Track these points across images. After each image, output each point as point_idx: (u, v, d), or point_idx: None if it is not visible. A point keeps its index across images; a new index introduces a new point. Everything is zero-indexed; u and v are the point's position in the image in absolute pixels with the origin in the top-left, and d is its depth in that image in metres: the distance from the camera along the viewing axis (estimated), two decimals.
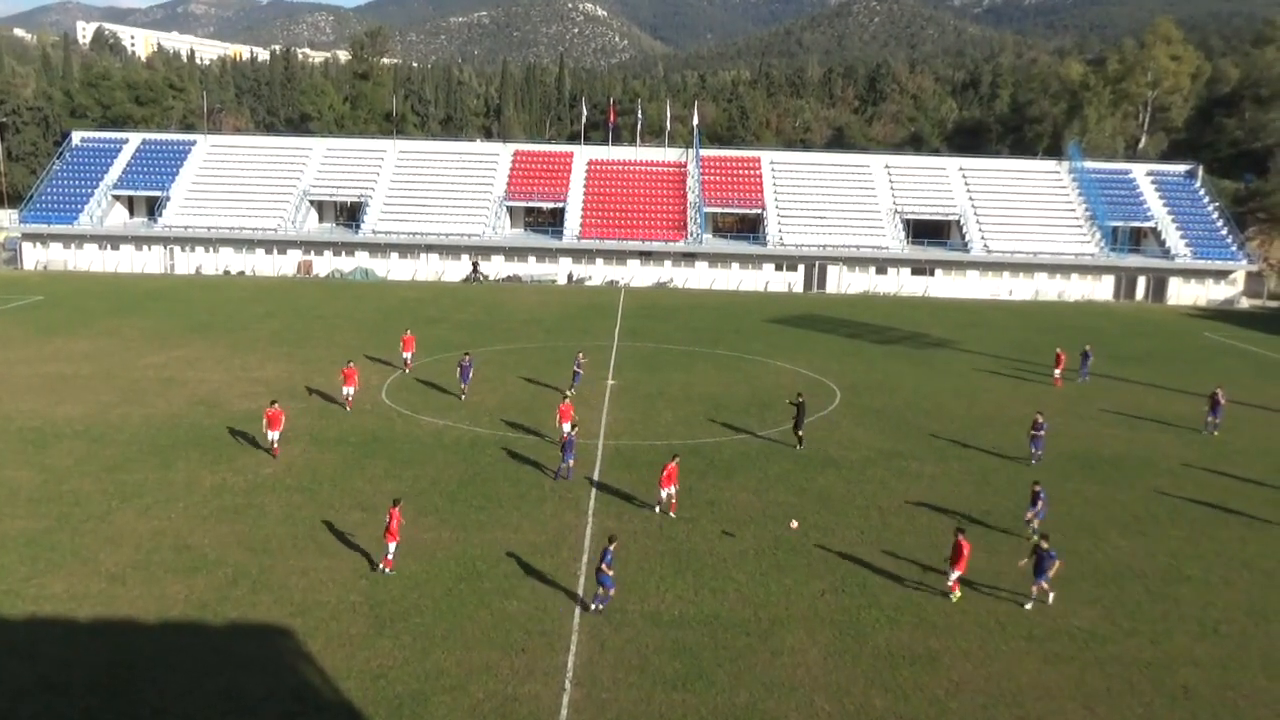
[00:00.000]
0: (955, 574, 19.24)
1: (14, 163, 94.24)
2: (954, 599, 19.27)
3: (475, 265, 69.23)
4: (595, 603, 18.50)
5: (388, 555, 19.88)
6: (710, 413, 33.27)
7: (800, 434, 29.31)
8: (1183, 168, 77.45)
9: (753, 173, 76.25)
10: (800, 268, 69.54)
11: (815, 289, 69.46)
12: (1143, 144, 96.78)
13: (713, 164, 77.12)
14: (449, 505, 23.83)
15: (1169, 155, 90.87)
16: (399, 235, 69.84)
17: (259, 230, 69.71)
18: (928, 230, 73.30)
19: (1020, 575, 19.74)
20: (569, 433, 26.33)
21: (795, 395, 30.83)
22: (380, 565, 19.88)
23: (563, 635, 17.48)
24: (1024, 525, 22.94)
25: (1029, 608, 18.97)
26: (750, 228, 73.78)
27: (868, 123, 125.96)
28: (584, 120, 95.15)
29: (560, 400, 29.93)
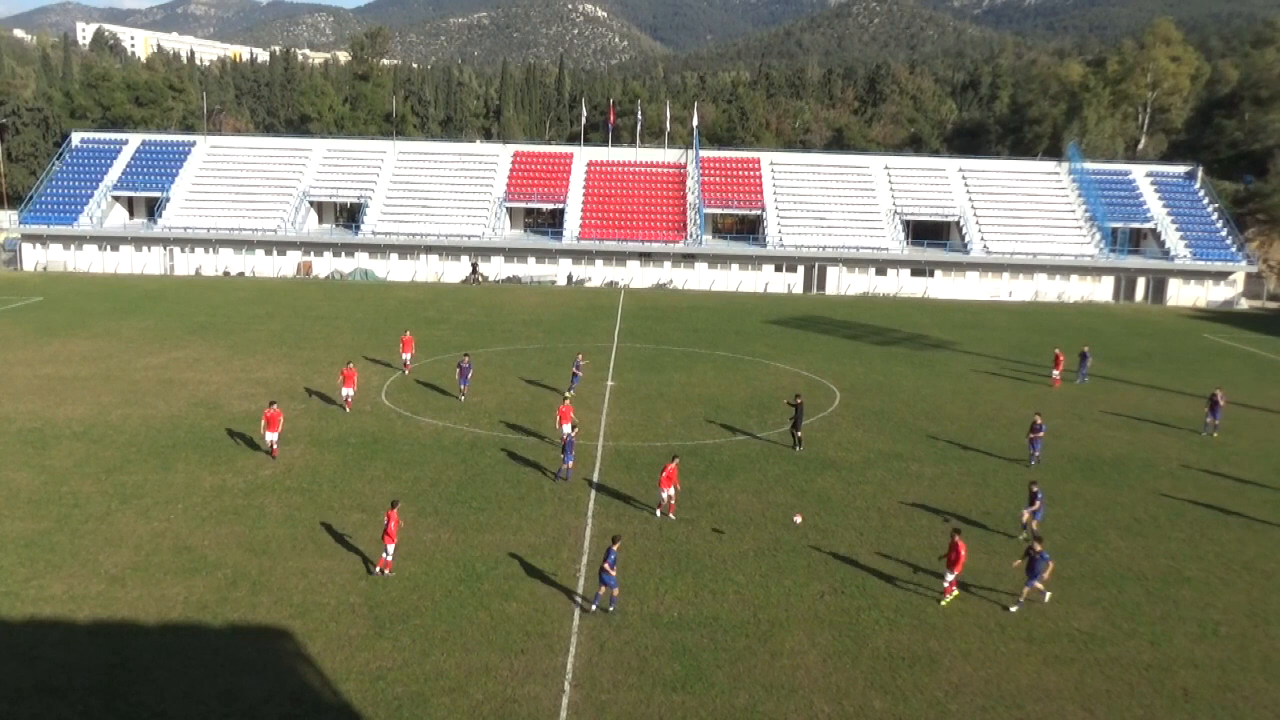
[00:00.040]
0: (951, 576, 19.14)
1: (14, 164, 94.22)
2: (944, 603, 19.13)
3: (474, 266, 69.23)
4: (596, 603, 18.48)
5: (384, 557, 19.85)
6: (710, 414, 33.25)
7: (799, 435, 29.32)
8: (1182, 169, 77.43)
9: (752, 174, 76.26)
10: (800, 269, 69.54)
11: (815, 290, 69.46)
12: (1142, 145, 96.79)
13: (712, 165, 77.11)
14: (448, 507, 23.82)
15: (1168, 156, 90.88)
16: (399, 236, 69.85)
17: (259, 231, 69.70)
18: (927, 231, 73.37)
19: (1017, 577, 19.70)
20: (569, 434, 26.33)
21: (793, 396, 30.86)
22: (376, 568, 19.84)
23: (562, 637, 17.48)
24: (1019, 526, 22.91)
25: (1014, 610, 18.92)
26: (750, 229, 73.78)
27: (867, 124, 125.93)
28: (584, 121, 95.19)
29: (560, 402, 29.97)
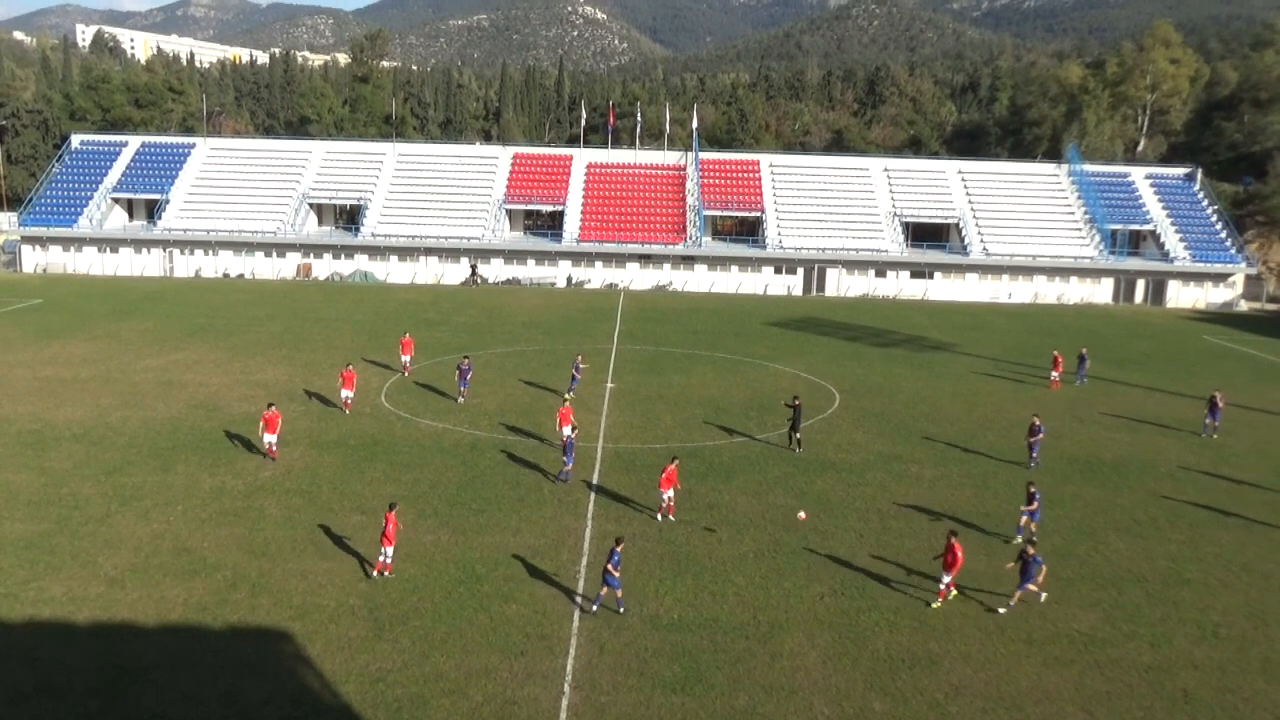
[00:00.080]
0: (947, 578, 19.08)
1: (13, 166, 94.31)
2: (935, 605, 19.07)
3: (473, 268, 69.26)
4: (597, 603, 18.45)
5: (381, 559, 19.78)
6: (709, 416, 33.26)
7: (798, 436, 29.30)
8: (1182, 171, 77.48)
9: (752, 176, 76.31)
10: (799, 271, 69.56)
11: (814, 292, 69.47)
12: (1142, 147, 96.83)
13: (712, 167, 77.17)
14: (448, 508, 23.82)
15: (1168, 158, 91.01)
16: (398, 238, 69.84)
17: (258, 233, 69.69)
18: (927, 233, 73.37)
19: (1011, 579, 19.62)
20: (569, 436, 26.32)
21: (791, 398, 30.83)
22: (374, 572, 19.76)
23: (562, 638, 17.48)
24: (1016, 527, 22.79)
25: (1002, 612, 18.88)
26: (749, 231, 73.75)
27: (867, 126, 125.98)
28: (583, 123, 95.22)
29: (560, 404, 29.98)
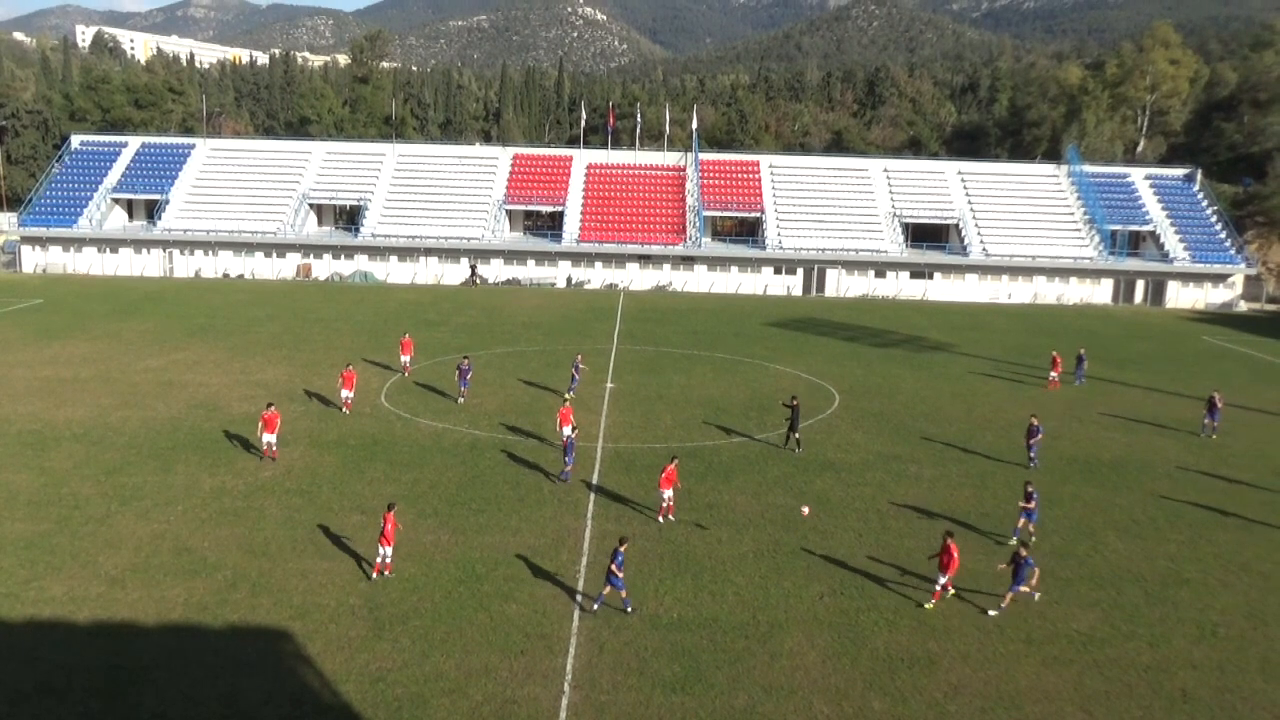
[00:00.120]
0: (943, 579, 19.08)
1: (13, 166, 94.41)
2: (928, 606, 19.07)
3: (473, 268, 69.33)
4: (599, 602, 18.48)
5: (379, 560, 19.75)
6: (709, 416, 33.30)
7: (797, 436, 29.33)
8: (1181, 171, 77.60)
9: (752, 176, 76.40)
10: (799, 271, 69.62)
11: (814, 292, 69.54)
12: (1141, 148, 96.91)
13: (712, 168, 77.27)
14: (448, 508, 23.84)
15: (1167, 159, 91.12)
16: (398, 239, 69.92)
17: (258, 234, 69.77)
18: (926, 234, 73.47)
19: (1003, 580, 19.62)
20: (569, 436, 26.34)
21: (789, 398, 30.83)
22: (373, 574, 19.74)
23: (562, 638, 17.51)
24: (1014, 529, 22.73)
25: (994, 614, 18.87)
26: (749, 231, 73.83)
27: (866, 127, 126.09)
28: (583, 124, 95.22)
29: (560, 404, 30.02)
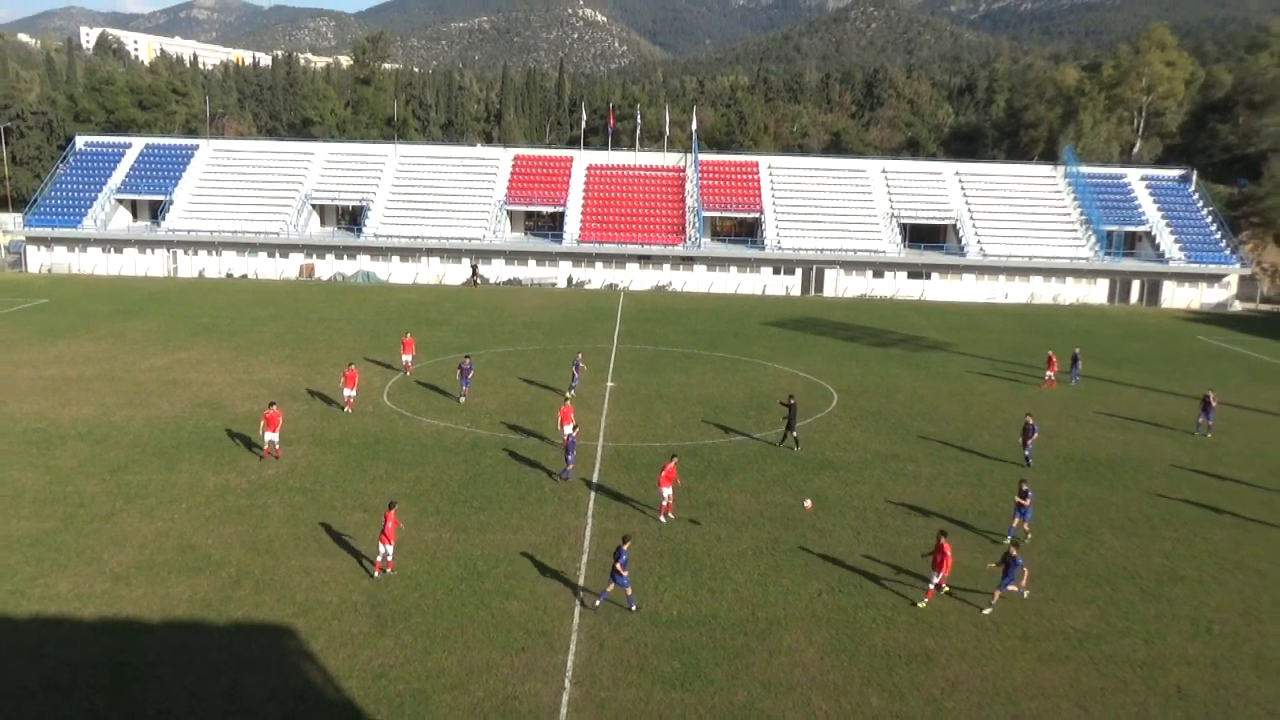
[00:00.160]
0: (936, 578, 19.19)
1: (18, 167, 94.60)
2: (921, 605, 19.18)
3: (474, 268, 69.52)
4: (602, 598, 18.61)
5: (380, 558, 19.85)
6: (708, 415, 33.46)
7: (795, 435, 29.47)
8: (1177, 172, 77.80)
9: (751, 177, 76.57)
10: (798, 271, 69.78)
11: (812, 292, 69.71)
12: (1137, 149, 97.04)
13: (711, 169, 77.45)
14: (450, 506, 23.99)
15: (1163, 160, 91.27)
16: (400, 239, 70.08)
17: (262, 234, 69.95)
18: (924, 234, 73.66)
19: (993, 578, 19.76)
20: (570, 434, 26.47)
21: (787, 397, 30.93)
22: (375, 571, 19.85)
23: (562, 635, 17.63)
24: (1009, 528, 22.90)
25: (987, 612, 19.01)
26: (748, 232, 74.00)
27: (865, 128, 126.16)
28: (584, 125, 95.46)
29: (561, 403, 30.18)
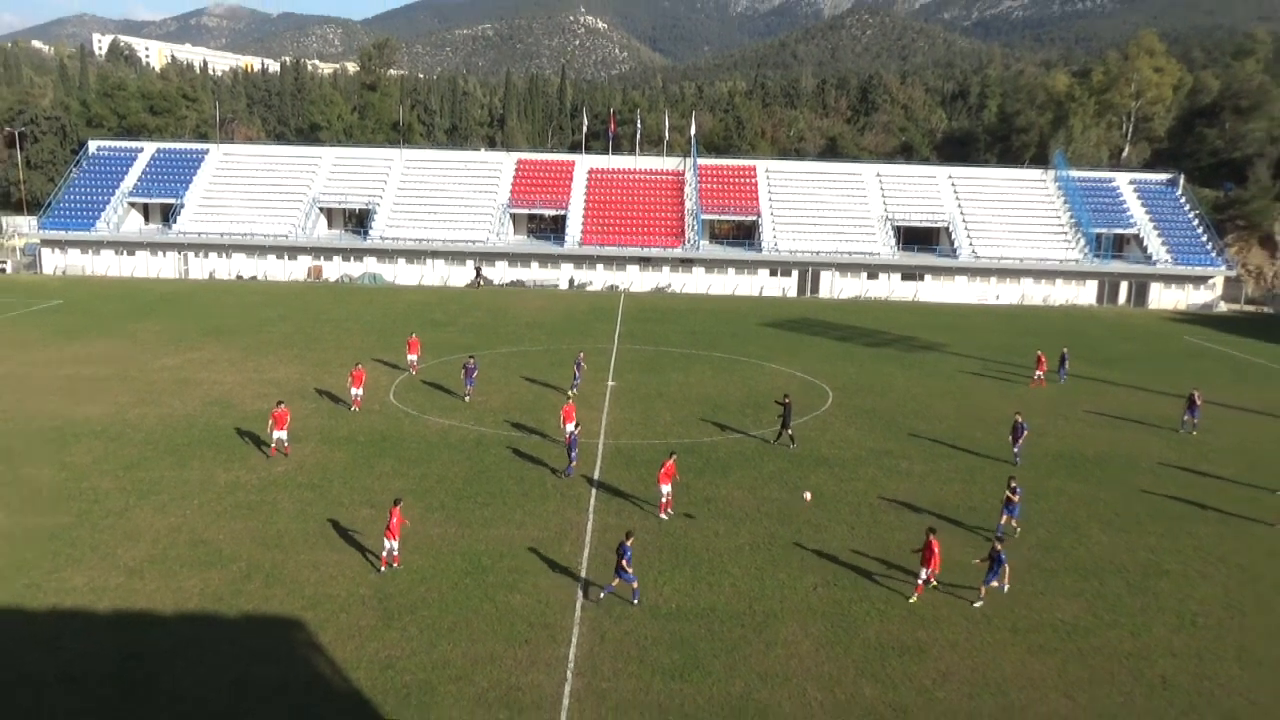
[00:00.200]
0: (924, 574, 19.47)
1: (33, 170, 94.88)
2: (912, 600, 19.45)
3: (478, 270, 70.02)
4: (606, 591, 18.95)
5: (384, 553, 20.10)
6: (707, 413, 33.75)
7: (790, 433, 29.75)
8: (1164, 176, 78.15)
9: (748, 181, 76.97)
10: (794, 273, 70.17)
11: (808, 294, 70.08)
12: (1126, 153, 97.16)
13: (710, 172, 77.85)
14: (455, 502, 24.30)
15: (1151, 164, 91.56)
16: (406, 241, 70.42)
17: (271, 236, 70.26)
18: (918, 237, 74.01)
19: (979, 573, 20.09)
20: (572, 432, 26.77)
21: (782, 396, 31.23)
22: (381, 567, 20.11)
23: (564, 627, 17.93)
24: (998, 525, 23.18)
25: (978, 605, 19.31)
26: (746, 234, 74.46)
27: (860, 132, 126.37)
28: (585, 130, 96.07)
29: (563, 401, 30.57)
